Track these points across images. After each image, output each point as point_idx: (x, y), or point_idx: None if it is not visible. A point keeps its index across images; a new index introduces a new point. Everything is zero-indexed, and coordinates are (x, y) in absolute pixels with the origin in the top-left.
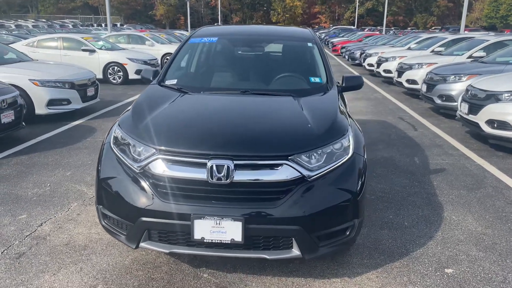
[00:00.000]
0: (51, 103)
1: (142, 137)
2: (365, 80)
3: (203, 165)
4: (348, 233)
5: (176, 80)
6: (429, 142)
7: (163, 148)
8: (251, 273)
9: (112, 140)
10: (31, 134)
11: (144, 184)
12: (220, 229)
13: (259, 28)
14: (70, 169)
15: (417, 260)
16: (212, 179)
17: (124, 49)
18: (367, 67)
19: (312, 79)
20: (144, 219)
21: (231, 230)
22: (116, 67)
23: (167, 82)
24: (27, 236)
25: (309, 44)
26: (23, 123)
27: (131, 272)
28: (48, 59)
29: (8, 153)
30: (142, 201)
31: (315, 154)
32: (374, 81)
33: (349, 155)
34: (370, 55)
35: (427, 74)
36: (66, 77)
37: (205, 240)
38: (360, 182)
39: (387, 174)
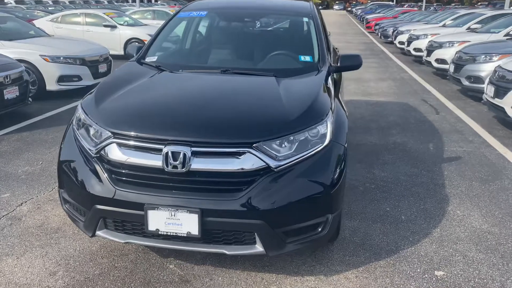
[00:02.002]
0: (61, 79)
1: (99, 119)
2: (394, 59)
3: (159, 151)
4: (320, 229)
5: (156, 57)
6: (450, 127)
7: (117, 131)
8: (220, 266)
9: (75, 121)
10: (40, 110)
11: (100, 169)
12: (176, 221)
13: (254, 1)
14: None
15: (405, 259)
16: (167, 167)
17: (146, 25)
18: (398, 45)
19: (302, 58)
20: (98, 206)
21: (187, 222)
22: (137, 43)
23: (147, 59)
24: (3, 216)
25: (305, 20)
26: (30, 99)
27: (95, 259)
28: (70, 35)
29: (12, 129)
30: (96, 187)
31: (285, 141)
32: (404, 60)
33: (325, 143)
34: (402, 33)
35: (456, 53)
36: (77, 53)
37: (159, 232)
38: (336, 174)
39: (394, 161)
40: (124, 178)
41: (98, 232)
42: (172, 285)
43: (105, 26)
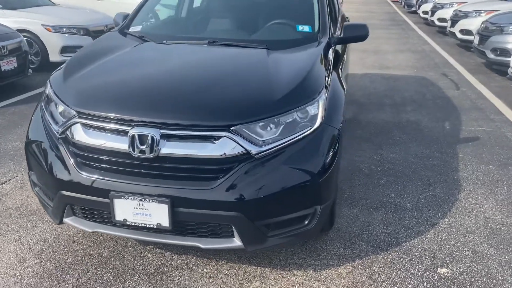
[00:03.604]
0: (65, 49)
1: (65, 96)
2: (416, 29)
3: (126, 133)
4: (306, 222)
5: (141, 26)
6: (470, 104)
7: (82, 110)
8: (202, 257)
9: (43, 98)
10: (41, 83)
11: (64, 152)
12: (144, 211)
13: None
14: None
15: (406, 254)
16: (134, 151)
17: None
18: (422, 15)
19: (300, 28)
20: (63, 192)
21: (156, 213)
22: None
23: (131, 29)
24: None
25: None
26: (30, 71)
27: (70, 246)
28: (80, 4)
29: (9, 102)
30: (61, 172)
31: (270, 124)
32: (427, 31)
33: (315, 126)
34: (426, 1)
35: (481, 23)
36: (80, 23)
37: (127, 223)
38: (326, 161)
39: (405, 141)
40: (89, 163)
41: (65, 219)
42: (147, 277)
43: None
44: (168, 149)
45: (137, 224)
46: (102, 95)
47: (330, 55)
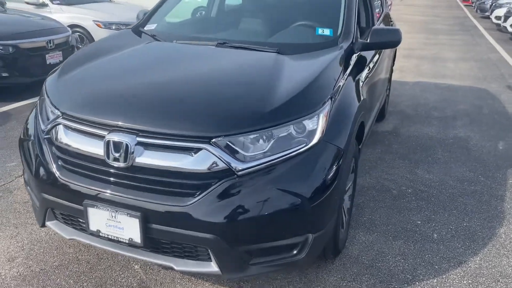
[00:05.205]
0: None
1: (54, 95)
2: (486, 36)
3: (103, 138)
4: (295, 251)
5: (156, 24)
6: None
7: (65, 111)
8: (189, 275)
9: (40, 95)
10: None
11: (47, 153)
12: (117, 224)
13: None
14: None
15: None
16: (108, 158)
17: None
18: (494, 20)
19: (320, 31)
20: (44, 195)
21: (128, 227)
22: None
23: (147, 27)
24: None
25: None
26: None
27: (61, 248)
28: (139, 2)
29: None
30: (43, 173)
31: (259, 137)
32: (498, 38)
33: (312, 143)
34: (500, 6)
35: None
36: (128, 20)
37: (100, 234)
38: (321, 184)
39: (447, 160)
40: (69, 167)
41: (47, 223)
42: None
43: None
44: (144, 158)
45: (110, 237)
46: (84, 96)
47: (350, 62)
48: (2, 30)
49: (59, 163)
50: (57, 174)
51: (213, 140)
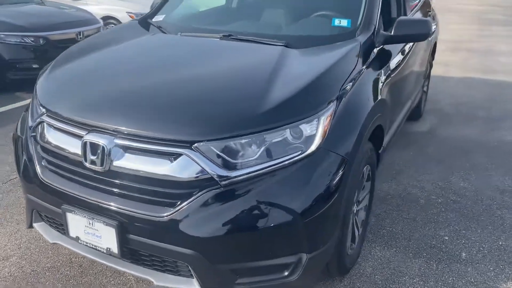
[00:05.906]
0: None
1: (41, 91)
2: None
3: (81, 138)
4: (287, 272)
5: (164, 15)
6: None
7: (48, 107)
8: None
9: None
10: None
11: (32, 152)
12: (95, 232)
13: None
14: None
15: None
16: (86, 161)
17: None
18: None
19: (336, 22)
20: (29, 196)
21: (105, 236)
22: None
23: (155, 18)
24: (9, 180)
25: None
26: None
27: (57, 248)
28: None
29: None
30: (27, 173)
31: (249, 142)
32: None
33: (309, 150)
34: None
35: None
36: None
37: (79, 241)
38: (318, 198)
39: (487, 167)
40: (51, 167)
41: (34, 224)
42: None
43: None
44: (122, 162)
45: (88, 245)
46: (70, 93)
47: (368, 57)
48: (33, 22)
49: (42, 163)
50: (40, 174)
51: (195, 145)
